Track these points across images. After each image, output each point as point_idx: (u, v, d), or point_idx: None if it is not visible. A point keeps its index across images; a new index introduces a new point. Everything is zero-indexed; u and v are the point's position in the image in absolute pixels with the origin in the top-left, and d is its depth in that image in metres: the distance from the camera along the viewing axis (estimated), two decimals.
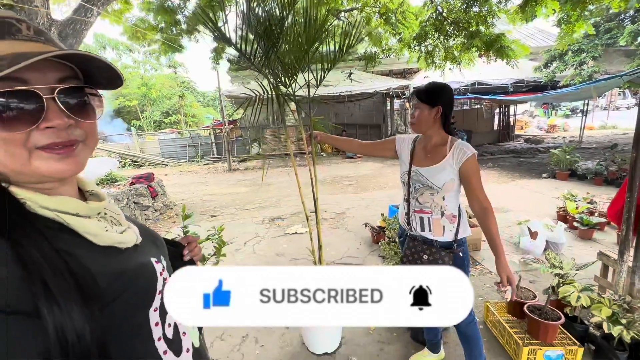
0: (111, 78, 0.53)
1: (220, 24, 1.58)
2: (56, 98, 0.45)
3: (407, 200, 1.60)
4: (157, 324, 0.54)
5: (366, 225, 4.05)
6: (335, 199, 6.24)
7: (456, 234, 1.50)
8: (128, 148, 15.33)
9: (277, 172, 9.85)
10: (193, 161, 14.77)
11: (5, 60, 0.41)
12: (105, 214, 0.55)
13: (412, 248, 1.59)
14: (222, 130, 13.49)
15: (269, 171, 10.44)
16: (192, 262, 0.78)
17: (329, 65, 1.85)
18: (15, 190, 0.45)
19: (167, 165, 14.42)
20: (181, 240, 0.80)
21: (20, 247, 0.40)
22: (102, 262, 0.48)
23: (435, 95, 1.45)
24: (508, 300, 1.42)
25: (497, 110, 14.67)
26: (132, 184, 5.79)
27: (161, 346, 0.54)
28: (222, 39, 1.56)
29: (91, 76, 0.52)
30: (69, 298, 0.40)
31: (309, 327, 2.03)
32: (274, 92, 1.80)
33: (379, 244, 2.55)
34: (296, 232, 4.43)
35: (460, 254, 1.51)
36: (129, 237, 0.55)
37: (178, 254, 0.76)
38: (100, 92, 0.55)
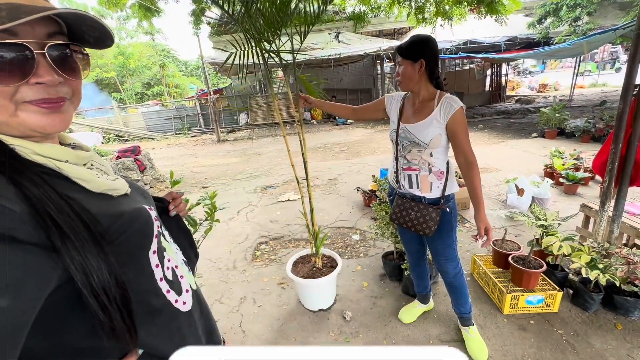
0: (100, 38, 0.52)
1: None
2: (46, 54, 0.44)
3: (396, 159, 1.59)
4: (157, 266, 0.58)
5: (358, 190, 4.09)
6: (327, 165, 6.24)
7: (444, 190, 1.52)
8: (111, 122, 14.78)
9: (267, 141, 9.72)
10: (180, 133, 14.39)
11: (2, 10, 0.40)
12: (92, 164, 0.56)
13: (400, 205, 1.61)
14: (207, 101, 13.03)
15: (259, 141, 10.29)
16: (177, 217, 0.79)
17: (313, 20, 1.74)
18: (3, 137, 0.44)
19: (153, 138, 14.05)
20: (166, 196, 0.80)
21: (24, 188, 0.41)
22: (99, 205, 0.50)
23: (417, 49, 1.39)
24: (481, 247, 1.48)
25: (489, 71, 14.42)
26: (118, 157, 5.65)
27: (164, 286, 0.58)
28: None
29: (78, 33, 0.51)
30: (79, 234, 0.42)
31: (305, 286, 2.10)
32: (257, 49, 1.70)
33: (371, 206, 2.60)
34: (289, 199, 4.46)
35: (448, 209, 1.54)
36: (121, 185, 0.56)
37: (164, 209, 0.78)
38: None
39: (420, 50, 1.39)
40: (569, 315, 1.94)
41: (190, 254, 0.80)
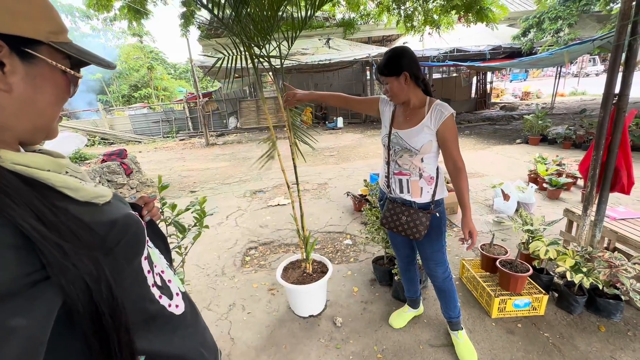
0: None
1: None
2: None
3: (387, 163, 1.60)
4: (149, 272, 0.59)
5: (348, 194, 4.10)
6: (317, 170, 6.24)
7: (433, 195, 1.54)
8: (96, 125, 14.41)
9: (257, 145, 9.66)
10: (168, 137, 14.16)
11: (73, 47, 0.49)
12: (67, 172, 0.52)
13: (391, 210, 1.62)
14: (196, 104, 12.89)
15: (248, 145, 10.22)
16: (151, 222, 0.77)
17: (302, 23, 1.75)
18: None
19: (140, 142, 13.75)
20: (137, 202, 0.77)
21: (12, 210, 0.38)
22: (90, 214, 0.48)
23: (396, 63, 1.40)
24: (466, 250, 1.50)
25: (474, 79, 14.78)
26: (103, 161, 5.51)
27: (156, 292, 0.59)
28: None
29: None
30: (74, 249, 0.41)
31: (295, 292, 2.08)
32: (247, 53, 1.69)
33: (362, 211, 2.60)
34: (279, 204, 4.43)
35: (437, 214, 1.56)
36: (105, 191, 0.54)
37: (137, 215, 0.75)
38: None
39: (399, 64, 1.40)
40: (554, 318, 1.98)
41: (168, 259, 0.79)
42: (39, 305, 0.38)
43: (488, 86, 15.01)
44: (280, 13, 1.63)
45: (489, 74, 14.76)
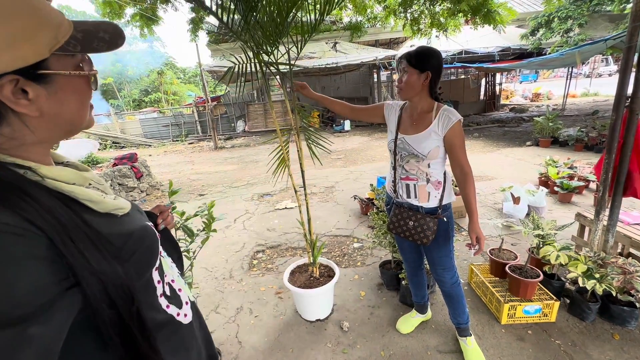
0: (112, 41, 0.55)
1: None
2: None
3: (394, 168, 1.60)
4: (159, 282, 0.60)
5: (355, 198, 4.10)
6: (324, 173, 6.25)
7: (441, 199, 1.53)
8: (107, 129, 14.72)
9: (265, 148, 9.72)
10: (177, 140, 14.36)
11: (101, 35, 0.49)
12: (90, 184, 0.56)
13: (398, 215, 1.61)
14: (205, 108, 13.05)
15: (256, 148, 10.30)
16: (166, 230, 0.78)
17: (311, 29, 1.77)
18: (16, 160, 0.45)
19: (150, 145, 13.99)
20: (153, 210, 0.79)
21: (42, 215, 0.41)
22: (108, 226, 0.50)
23: (426, 60, 1.40)
24: (473, 255, 1.49)
25: (483, 80, 14.63)
26: (114, 165, 5.62)
27: (163, 302, 0.60)
28: (196, 2, 1.45)
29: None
30: (96, 258, 0.44)
31: (302, 296, 2.08)
32: (255, 60, 1.71)
33: (368, 214, 2.59)
34: (286, 207, 4.45)
35: (445, 219, 1.54)
36: (124, 204, 0.57)
37: (152, 224, 0.76)
38: None
39: (429, 62, 1.40)
40: (566, 325, 1.94)
41: (180, 267, 0.81)
42: (58, 316, 0.39)
43: (497, 88, 14.84)
44: (289, 19, 1.65)
45: (498, 76, 14.60)
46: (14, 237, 0.37)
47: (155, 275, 0.59)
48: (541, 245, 2.19)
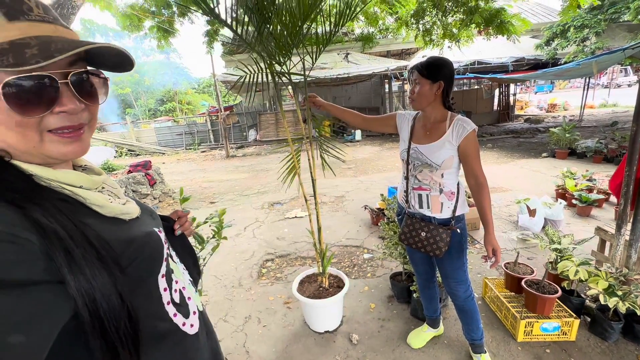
0: (121, 63, 0.53)
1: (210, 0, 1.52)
2: (69, 82, 0.45)
3: (406, 178, 1.58)
4: (165, 290, 0.58)
5: (365, 208, 4.06)
6: (334, 182, 6.24)
7: (454, 210, 1.50)
8: (124, 137, 15.15)
9: (275, 157, 9.80)
10: (190, 149, 14.65)
11: (33, 46, 0.41)
12: (103, 187, 0.56)
13: (410, 225, 1.58)
14: (218, 117, 13.32)
15: (267, 157, 10.40)
16: (182, 236, 0.78)
17: (324, 42, 1.79)
18: (19, 164, 0.45)
19: (164, 153, 14.31)
20: (171, 215, 0.79)
21: (39, 217, 0.41)
22: (112, 231, 0.50)
23: (438, 70, 1.40)
24: (489, 268, 1.45)
25: (497, 91, 14.48)
26: (129, 172, 5.76)
27: (170, 310, 0.58)
28: (210, 14, 1.50)
29: (98, 56, 0.51)
30: (91, 263, 0.42)
31: (311, 306, 2.06)
32: (268, 71, 1.74)
33: (379, 225, 2.56)
34: (296, 216, 4.44)
35: (458, 230, 1.51)
36: (132, 209, 0.57)
37: (169, 228, 0.77)
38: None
39: (441, 72, 1.40)
40: (587, 345, 1.85)
41: (194, 274, 0.79)
42: (43, 320, 0.38)
43: (511, 98, 14.64)
44: (303, 31, 1.68)
45: (512, 86, 14.42)
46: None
47: (162, 283, 0.57)
48: (559, 260, 2.11)
